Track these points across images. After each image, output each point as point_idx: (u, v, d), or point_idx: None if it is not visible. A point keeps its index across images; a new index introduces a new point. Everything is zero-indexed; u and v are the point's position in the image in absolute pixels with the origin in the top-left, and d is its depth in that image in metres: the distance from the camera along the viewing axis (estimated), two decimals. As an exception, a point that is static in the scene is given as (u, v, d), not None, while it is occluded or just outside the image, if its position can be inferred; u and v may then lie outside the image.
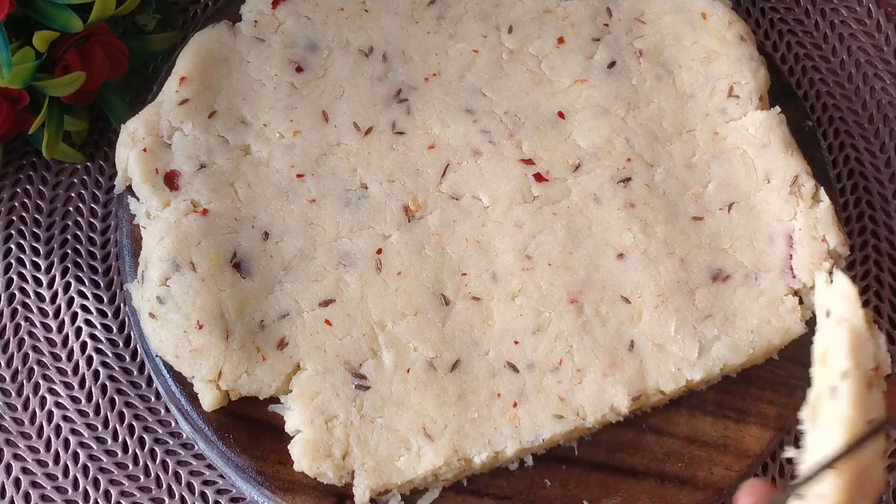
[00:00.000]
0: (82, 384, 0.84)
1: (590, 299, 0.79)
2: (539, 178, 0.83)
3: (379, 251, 0.80)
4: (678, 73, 0.88)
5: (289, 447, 0.73)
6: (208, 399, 0.74)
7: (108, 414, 0.83)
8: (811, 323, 0.78)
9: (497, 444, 0.74)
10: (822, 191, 0.82)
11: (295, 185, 0.82)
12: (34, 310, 0.86)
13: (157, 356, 0.77)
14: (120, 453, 0.82)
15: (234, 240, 0.79)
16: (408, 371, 0.76)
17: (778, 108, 0.86)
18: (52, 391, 0.84)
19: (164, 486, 0.81)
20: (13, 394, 0.83)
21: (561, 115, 0.86)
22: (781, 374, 0.80)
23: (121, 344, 0.86)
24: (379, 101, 0.86)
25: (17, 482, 0.81)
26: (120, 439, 0.82)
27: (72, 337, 0.86)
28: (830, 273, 0.78)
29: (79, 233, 0.89)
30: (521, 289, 0.79)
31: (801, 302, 0.79)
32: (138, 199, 0.81)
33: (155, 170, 0.81)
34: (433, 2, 0.90)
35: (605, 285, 0.79)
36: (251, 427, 0.76)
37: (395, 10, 0.89)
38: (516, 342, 0.77)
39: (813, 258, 0.79)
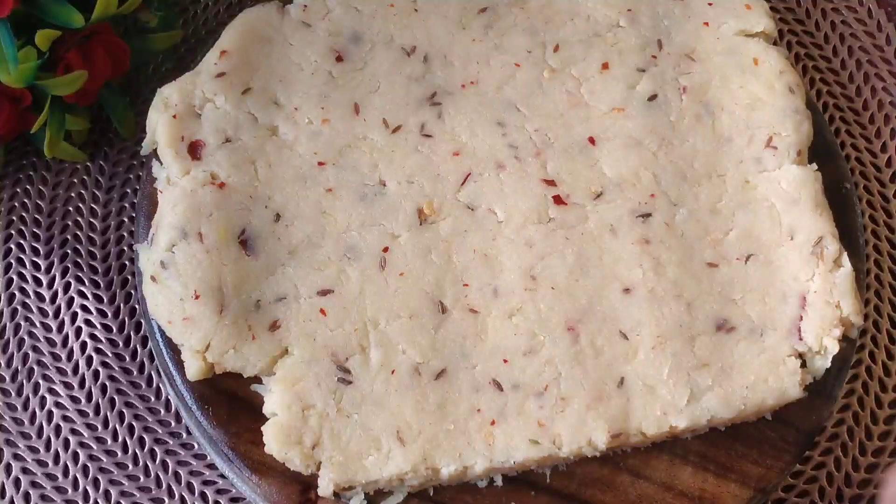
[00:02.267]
0: (82, 384, 0.85)
1: (587, 329, 0.77)
2: (558, 200, 0.82)
3: (385, 249, 0.80)
4: (719, 116, 0.87)
5: (262, 428, 0.74)
6: (193, 369, 0.75)
7: (108, 414, 0.84)
8: (810, 388, 0.76)
9: (467, 459, 0.73)
10: (844, 256, 0.79)
11: (315, 171, 0.82)
12: (34, 310, 0.87)
13: (152, 318, 0.78)
14: (120, 453, 0.83)
15: (246, 217, 0.80)
16: (392, 372, 0.75)
17: (815, 166, 0.84)
18: (52, 391, 0.84)
19: (164, 486, 0.82)
20: (13, 394, 0.84)
21: (592, 140, 0.85)
22: (771, 436, 0.77)
23: (121, 344, 0.86)
24: (412, 101, 0.86)
25: (17, 482, 0.81)
26: (120, 439, 0.83)
27: (72, 337, 0.86)
28: (840, 340, 0.76)
29: (79, 233, 0.90)
30: (520, 308, 0.78)
31: (803, 365, 0.77)
32: (161, 164, 0.82)
33: (181, 137, 0.82)
34: (484, 10, 0.90)
35: (605, 318, 0.78)
36: (231, 403, 0.77)
37: (444, 14, 0.89)
38: (505, 361, 0.76)
39: (823, 323, 0.77)
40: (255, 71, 0.85)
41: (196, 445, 0.82)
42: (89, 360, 0.85)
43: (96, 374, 0.85)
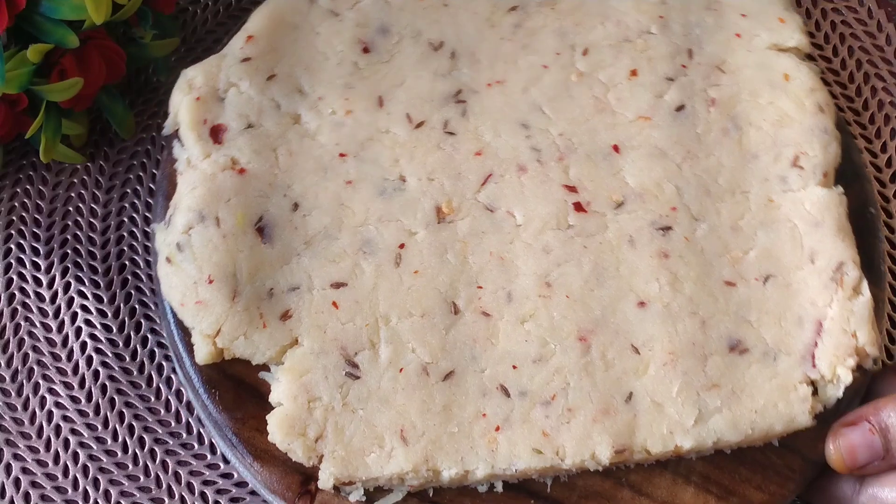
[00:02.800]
0: (82, 384, 0.84)
1: (599, 341, 0.77)
2: (578, 207, 0.82)
3: (402, 246, 0.79)
4: (746, 131, 0.85)
5: (267, 417, 0.73)
6: (202, 353, 0.75)
7: (108, 414, 0.83)
8: (820, 416, 0.76)
9: (469, 463, 0.73)
10: (864, 284, 0.78)
11: (335, 163, 0.82)
12: (34, 310, 0.87)
13: (164, 300, 0.78)
14: (120, 453, 0.82)
15: (264, 204, 0.80)
16: (400, 370, 0.75)
17: (840, 189, 0.82)
18: (52, 391, 0.84)
19: (164, 486, 0.81)
20: (13, 394, 0.84)
21: (616, 148, 0.84)
22: (777, 463, 0.76)
23: (121, 344, 0.86)
24: (437, 98, 0.85)
25: (17, 482, 0.81)
26: (120, 439, 0.83)
27: (72, 337, 0.86)
28: (854, 370, 0.75)
29: (79, 233, 0.90)
30: (532, 314, 0.78)
31: (815, 393, 0.76)
32: (183, 145, 0.82)
33: (203, 120, 0.81)
34: (514, 8, 0.89)
35: (618, 330, 0.77)
36: (238, 388, 0.77)
37: (474, 10, 0.88)
38: (515, 367, 0.76)
39: (838, 351, 0.76)
40: (280, 57, 0.85)
41: (196, 445, 0.82)
42: (89, 360, 0.85)
43: (96, 374, 0.85)
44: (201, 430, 0.83)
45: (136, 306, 0.87)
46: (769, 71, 0.87)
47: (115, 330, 0.86)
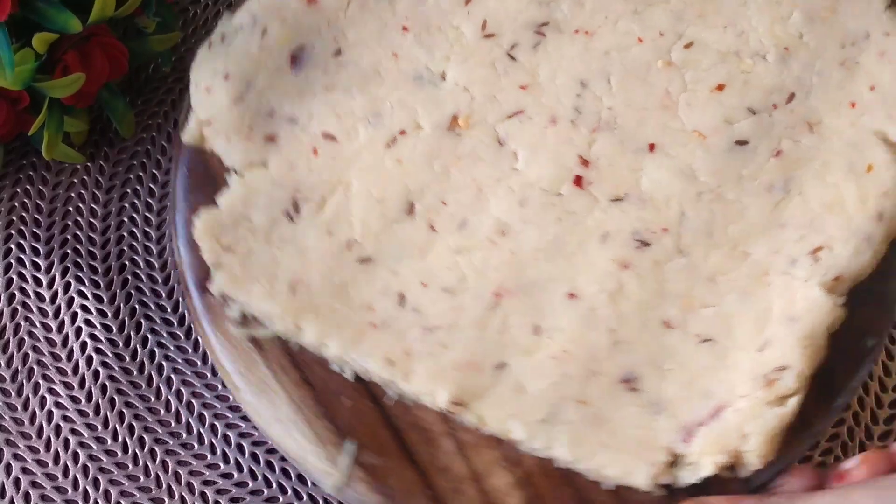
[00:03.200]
0: (82, 384, 0.86)
1: (510, 304, 0.76)
2: (578, 181, 0.80)
3: (402, 132, 0.82)
4: (791, 198, 0.78)
5: (200, 208, 0.80)
6: (189, 133, 0.82)
7: (108, 414, 0.85)
8: (667, 488, 0.72)
9: (328, 338, 0.75)
10: (795, 399, 0.72)
11: (394, 34, 0.84)
12: (34, 310, 0.88)
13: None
14: (120, 453, 0.84)
15: (312, 38, 0.84)
16: (330, 234, 0.79)
17: (840, 301, 0.74)
18: (52, 391, 0.86)
19: (164, 486, 0.84)
20: (13, 394, 0.85)
21: (651, 147, 0.80)
22: (597, 501, 0.73)
23: (121, 344, 0.88)
24: (521, 20, 0.84)
25: (17, 482, 0.84)
26: (120, 439, 0.85)
27: (72, 337, 0.87)
28: (720, 467, 0.71)
29: (79, 233, 0.91)
30: (470, 250, 0.78)
31: (672, 465, 0.72)
32: (282, -44, 0.87)
33: (304, -58, 0.86)
34: (648, -27, 0.85)
35: (534, 305, 0.76)
36: (207, 176, 0.83)
37: (606, -44, 0.85)
38: (424, 285, 0.77)
39: (717, 442, 0.71)
40: (404, -84, 0.87)
41: (196, 445, 0.86)
42: (89, 360, 0.87)
43: (96, 374, 0.87)
44: (201, 430, 0.86)
45: (136, 306, 0.90)
46: (857, 153, 0.79)
47: (115, 330, 0.89)
